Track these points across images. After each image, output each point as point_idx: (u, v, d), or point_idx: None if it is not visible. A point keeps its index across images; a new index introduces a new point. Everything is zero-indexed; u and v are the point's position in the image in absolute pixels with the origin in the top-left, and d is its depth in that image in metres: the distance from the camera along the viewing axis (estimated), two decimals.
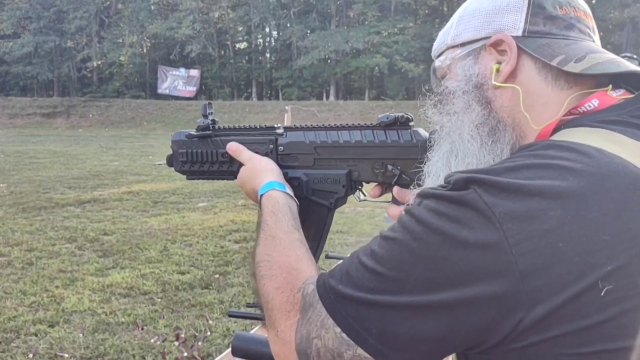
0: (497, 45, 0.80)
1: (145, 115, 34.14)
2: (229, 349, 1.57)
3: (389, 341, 0.66)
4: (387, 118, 1.04)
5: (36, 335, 3.79)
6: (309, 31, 35.64)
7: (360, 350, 0.68)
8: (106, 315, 4.13)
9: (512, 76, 0.78)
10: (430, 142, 0.87)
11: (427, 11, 38.85)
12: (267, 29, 40.13)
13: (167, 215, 7.65)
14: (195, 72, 37.08)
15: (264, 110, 32.29)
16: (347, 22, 36.90)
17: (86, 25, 38.84)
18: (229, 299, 4.41)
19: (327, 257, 1.99)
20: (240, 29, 39.15)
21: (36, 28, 38.52)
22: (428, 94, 0.88)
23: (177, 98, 36.18)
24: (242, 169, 1.10)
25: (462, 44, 0.84)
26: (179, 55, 37.79)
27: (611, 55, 0.78)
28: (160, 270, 5.15)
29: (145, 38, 39.31)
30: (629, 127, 0.69)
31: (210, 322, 3.98)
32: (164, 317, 4.09)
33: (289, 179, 1.09)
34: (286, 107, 20.02)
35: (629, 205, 0.61)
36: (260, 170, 1.06)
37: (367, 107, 31.47)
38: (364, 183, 1.11)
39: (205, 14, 36.86)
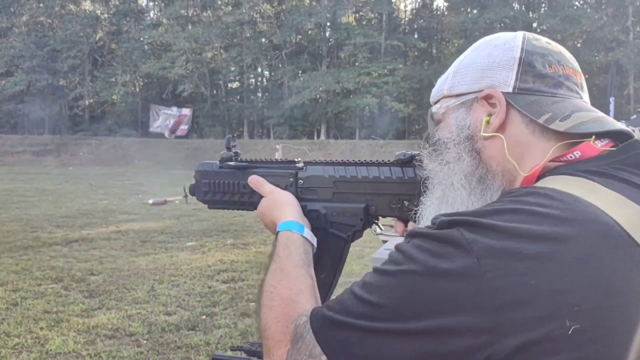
0: (488, 99, 0.85)
1: (136, 154, 34.18)
2: None
3: None
4: (404, 155, 1.09)
5: None
6: (300, 71, 36.21)
7: None
8: (90, 357, 4.07)
9: (501, 128, 0.83)
10: (424, 188, 0.92)
11: (416, 53, 39.63)
12: (259, 69, 40.73)
13: (155, 254, 7.61)
14: (187, 111, 37.35)
15: (255, 148, 32.42)
16: (338, 63, 37.53)
17: (79, 64, 39.24)
18: (216, 341, 4.36)
19: None
20: (232, 68, 39.67)
21: (29, 67, 38.84)
22: (425, 143, 0.93)
23: (168, 137, 36.33)
24: (262, 201, 1.14)
25: (457, 95, 0.89)
26: (171, 94, 38.14)
27: (597, 114, 0.82)
28: (147, 311, 5.10)
29: (138, 77, 39.70)
30: (607, 178, 0.74)
31: None
32: (149, 359, 4.04)
33: (307, 212, 1.13)
34: (277, 146, 19.97)
35: (598, 252, 0.65)
36: (281, 204, 1.10)
37: (358, 146, 31.72)
38: (380, 217, 1.15)
39: (198, 54, 37.37)
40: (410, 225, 1.09)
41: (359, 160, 1.16)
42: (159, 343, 4.36)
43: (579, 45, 35.40)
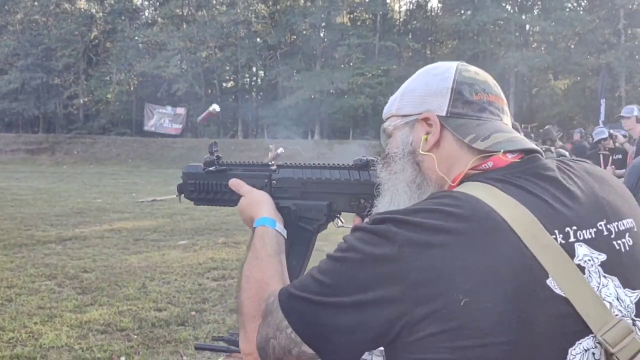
0: (426, 120, 1.05)
1: (130, 152, 34.27)
2: None
3: (318, 332, 0.92)
4: (361, 161, 1.30)
5: None
6: (294, 72, 36.28)
7: (304, 347, 0.93)
8: (83, 351, 4.23)
9: (436, 145, 1.04)
10: (377, 192, 1.13)
11: (410, 54, 39.77)
12: (254, 69, 40.81)
13: (148, 252, 7.76)
14: (181, 110, 37.43)
15: (249, 148, 32.56)
16: (332, 63, 37.63)
17: (74, 63, 39.23)
18: (204, 336, 4.52)
19: None
20: (227, 68, 39.75)
21: (23, 65, 38.78)
22: (378, 156, 1.16)
23: (162, 135, 36.42)
24: (241, 200, 1.34)
25: (403, 116, 1.09)
26: (166, 93, 38.18)
27: (512, 135, 1.01)
28: (138, 307, 5.26)
29: (132, 76, 39.69)
30: (506, 184, 0.92)
31: (185, 357, 4.10)
32: (139, 353, 4.20)
33: (280, 208, 1.32)
34: (270, 146, 20.15)
35: (486, 242, 0.84)
36: (257, 202, 1.30)
37: (351, 146, 31.89)
38: (341, 213, 1.35)
39: (193, 54, 37.42)
40: (358, 220, 1.29)
41: (324, 164, 1.35)
42: (149, 338, 4.52)
43: (572, 47, 35.67)
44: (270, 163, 1.41)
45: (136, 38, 39.67)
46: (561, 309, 0.81)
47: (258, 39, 38.73)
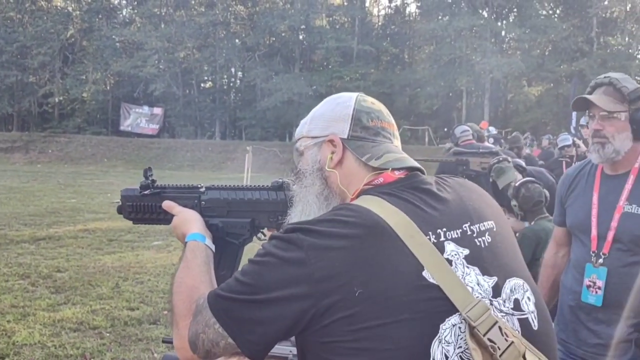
0: (331, 142, 1.24)
1: (106, 152, 33.98)
2: None
3: (240, 325, 1.07)
4: (277, 183, 1.50)
5: None
6: (273, 73, 36.36)
7: (230, 340, 1.08)
8: (55, 348, 4.32)
9: (340, 162, 1.24)
10: (290, 204, 1.33)
11: (388, 58, 40.16)
12: (233, 70, 40.76)
13: (122, 253, 7.83)
14: (158, 110, 37.26)
15: (226, 149, 32.55)
16: (310, 66, 37.85)
17: (49, 61, 38.76)
18: None
19: None
20: (205, 68, 39.65)
21: None
22: (291, 172, 1.35)
23: (139, 135, 36.20)
24: (174, 219, 1.50)
25: (312, 137, 1.28)
26: (143, 93, 37.97)
27: (400, 155, 1.22)
28: (111, 307, 5.35)
29: (109, 75, 39.37)
30: (392, 197, 1.13)
31: (156, 355, 4.21)
32: (111, 350, 4.30)
33: (209, 225, 1.49)
34: (247, 148, 20.10)
35: (375, 245, 1.05)
36: (188, 220, 1.47)
37: None
38: (264, 228, 1.54)
39: (171, 54, 37.29)
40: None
41: (247, 186, 1.54)
42: (121, 336, 4.62)
43: (546, 53, 36.35)
44: (199, 185, 1.58)
45: (113, 37, 39.35)
46: (434, 293, 1.03)
47: (237, 40, 38.76)
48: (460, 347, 1.01)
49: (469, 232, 1.14)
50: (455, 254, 1.09)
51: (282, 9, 38.02)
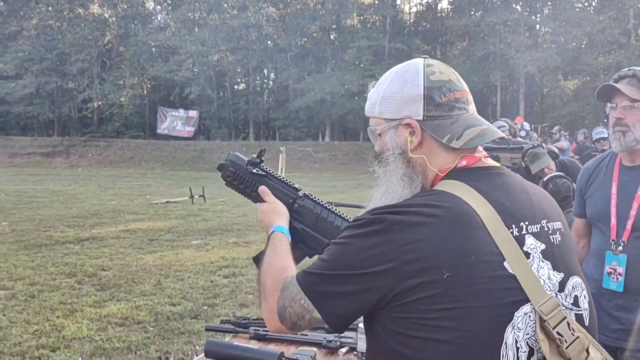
0: (408, 125, 1.24)
1: (144, 155, 34.71)
2: (203, 353, 2.03)
3: (325, 299, 1.15)
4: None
5: (39, 359, 4.19)
6: (305, 74, 36.54)
7: (315, 314, 1.16)
8: (103, 341, 4.54)
9: (419, 144, 1.24)
10: (374, 184, 1.36)
11: (420, 55, 39.74)
12: (265, 71, 41.12)
13: (162, 252, 8.08)
14: (194, 113, 37.86)
15: (257, 153, 32.78)
16: (342, 65, 37.87)
17: (88, 67, 39.73)
18: None
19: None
20: (238, 70, 40.11)
21: (38, 69, 39.33)
22: (374, 160, 1.35)
23: (175, 138, 36.86)
24: (265, 205, 1.61)
25: (386, 119, 1.28)
26: (179, 96, 38.65)
27: (481, 128, 1.22)
28: (154, 302, 5.57)
29: (145, 80, 40.19)
30: (478, 184, 1.17)
31: (197, 347, 4.38)
32: (155, 343, 4.50)
33: (292, 226, 1.60)
34: (281, 148, 20.32)
35: (461, 229, 1.09)
36: (278, 212, 1.58)
37: (362, 148, 32.13)
38: None
39: (205, 57, 37.82)
40: None
41: (339, 213, 1.62)
42: (164, 329, 4.82)
43: (583, 46, 35.64)
44: (299, 188, 1.67)
45: (149, 42, 40.12)
46: (511, 284, 1.09)
47: (269, 42, 39.06)
48: (528, 333, 1.08)
49: (545, 229, 1.20)
50: (534, 248, 1.15)
51: (313, 9, 38.17)
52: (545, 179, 3.74)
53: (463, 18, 35.99)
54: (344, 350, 2.06)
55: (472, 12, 36.72)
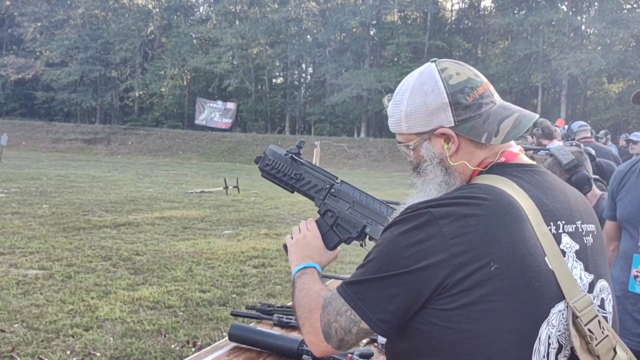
0: (443, 134, 1.21)
1: (181, 145, 35.29)
2: (227, 337, 2.09)
3: (371, 306, 1.10)
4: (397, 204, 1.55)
5: (73, 337, 4.34)
6: (343, 69, 36.55)
7: (363, 325, 1.10)
8: (134, 323, 4.67)
9: (457, 150, 1.21)
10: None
11: (460, 54, 39.43)
12: (303, 66, 41.28)
13: (195, 240, 8.23)
14: (231, 105, 38.29)
15: (295, 144, 32.95)
16: (380, 62, 37.73)
17: (131, 57, 40.60)
18: None
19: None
20: (277, 64, 40.38)
21: (83, 58, 40.39)
22: (413, 171, 1.33)
23: (213, 129, 37.36)
24: (296, 239, 1.58)
25: (416, 134, 1.25)
26: (217, 88, 39.13)
27: (515, 116, 1.20)
28: (184, 288, 5.69)
29: (186, 71, 40.84)
30: (518, 179, 1.16)
31: (224, 333, 4.48)
32: (184, 328, 4.61)
33: (326, 209, 1.61)
34: (315, 143, 20.41)
35: (511, 224, 1.07)
36: (309, 247, 1.55)
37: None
38: (369, 238, 1.62)
39: (244, 50, 38.21)
40: None
41: (375, 198, 1.64)
42: (194, 315, 4.93)
43: (629, 49, 34.69)
44: (336, 177, 1.69)
45: (191, 34, 40.74)
46: (551, 280, 1.08)
47: (308, 37, 39.21)
48: (560, 330, 1.08)
49: (580, 229, 1.20)
50: (570, 247, 1.15)
51: (353, 5, 38.11)
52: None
53: (506, 17, 35.44)
54: (364, 341, 2.09)
55: (516, 11, 36.12)
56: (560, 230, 1.14)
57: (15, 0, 42.04)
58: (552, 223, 1.13)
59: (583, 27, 35.77)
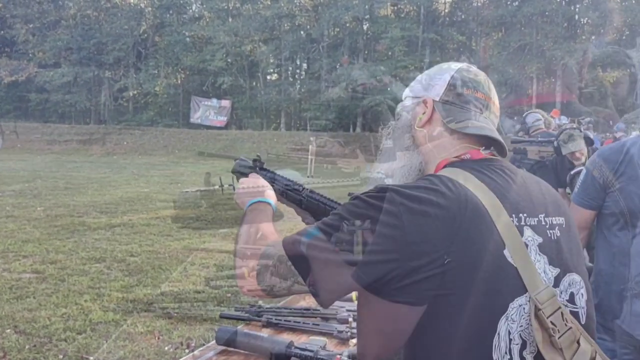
0: (425, 103, 1.31)
1: (177, 144, 35.17)
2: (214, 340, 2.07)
3: (315, 270, 1.10)
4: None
5: (66, 341, 4.30)
6: (337, 64, 36.46)
7: (300, 279, 1.11)
8: (127, 326, 4.63)
9: (428, 122, 1.30)
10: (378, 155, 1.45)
11: (454, 46, 39.36)
12: (297, 62, 41.17)
13: (190, 239, 8.20)
14: (226, 103, 38.19)
15: (291, 140, 32.97)
16: (374, 56, 37.65)
17: (124, 57, 40.47)
18: None
19: None
20: (271, 61, 40.25)
21: (76, 59, 40.27)
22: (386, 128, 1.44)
23: (208, 127, 37.26)
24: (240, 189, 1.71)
25: (413, 97, 1.36)
26: (212, 86, 39.00)
27: (482, 125, 1.26)
28: (179, 289, 5.66)
29: (179, 69, 40.71)
30: (479, 173, 1.18)
31: None
32: (178, 329, 4.57)
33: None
34: (311, 139, 20.36)
35: (466, 215, 1.07)
36: (258, 191, 1.65)
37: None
38: None
39: (238, 47, 38.05)
40: None
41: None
42: (187, 316, 4.90)
43: (624, 38, 34.65)
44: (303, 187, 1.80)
45: (184, 32, 40.58)
46: (510, 274, 1.08)
47: (301, 32, 39.07)
48: (522, 326, 1.07)
49: (543, 222, 1.19)
50: (532, 240, 1.15)
51: None
52: (572, 172, 3.64)
53: (499, 8, 35.35)
54: (354, 340, 2.06)
55: (509, 2, 36.02)
56: (522, 223, 1.15)
57: (6, 2, 41.81)
58: (514, 215, 1.14)
59: (577, 16, 35.72)
